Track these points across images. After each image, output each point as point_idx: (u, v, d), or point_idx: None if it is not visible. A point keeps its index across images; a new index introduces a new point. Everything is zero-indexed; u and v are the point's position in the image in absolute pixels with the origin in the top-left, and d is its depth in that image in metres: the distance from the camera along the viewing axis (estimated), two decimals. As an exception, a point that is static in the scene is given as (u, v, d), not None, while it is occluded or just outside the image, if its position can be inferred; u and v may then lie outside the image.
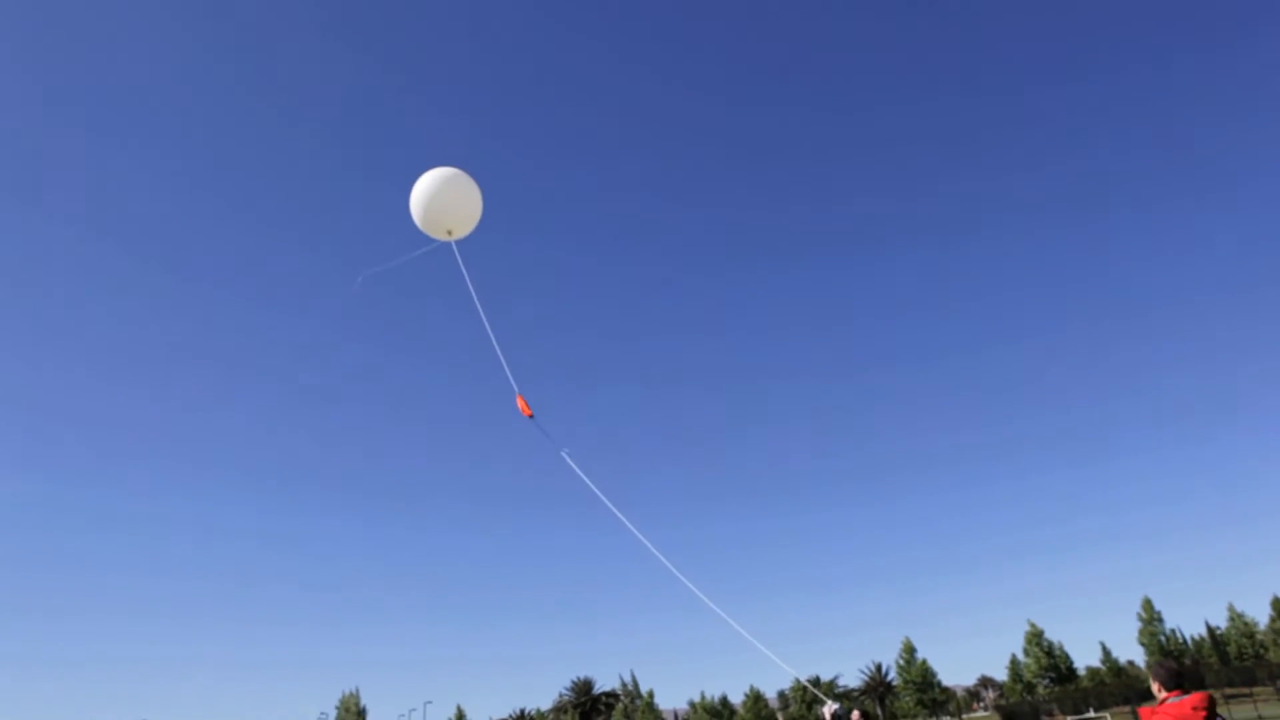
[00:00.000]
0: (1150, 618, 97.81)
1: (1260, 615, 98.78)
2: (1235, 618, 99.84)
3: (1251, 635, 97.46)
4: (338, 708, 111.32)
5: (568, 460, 10.88)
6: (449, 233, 12.05)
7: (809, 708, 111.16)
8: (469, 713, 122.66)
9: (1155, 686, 6.06)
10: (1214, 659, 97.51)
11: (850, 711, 11.09)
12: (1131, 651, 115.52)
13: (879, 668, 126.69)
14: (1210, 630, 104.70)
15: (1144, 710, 6.02)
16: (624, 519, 10.70)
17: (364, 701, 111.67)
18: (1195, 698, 5.88)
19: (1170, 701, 5.85)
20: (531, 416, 10.77)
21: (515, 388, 11.03)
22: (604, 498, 10.86)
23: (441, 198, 11.95)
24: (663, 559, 10.64)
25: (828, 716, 10.69)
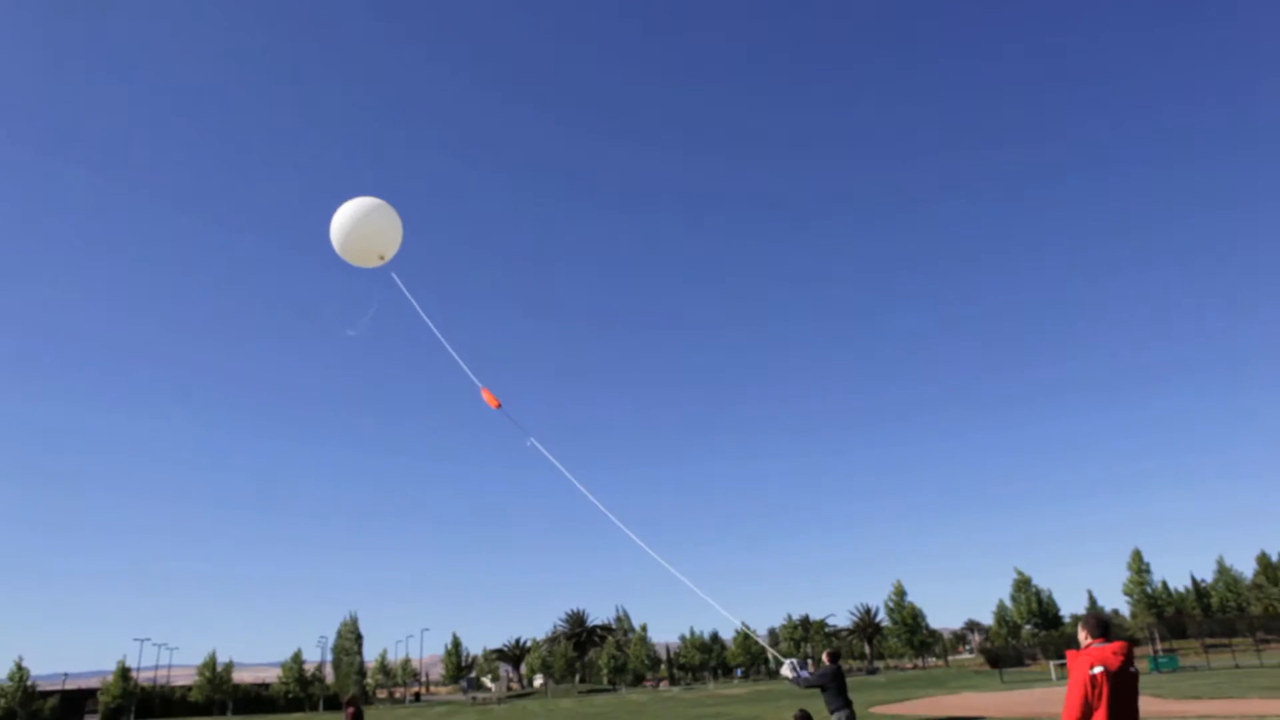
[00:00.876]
0: (1139, 569, 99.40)
1: (1246, 569, 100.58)
2: (1223, 571, 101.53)
3: (1236, 589, 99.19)
4: (338, 633, 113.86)
5: (537, 446, 11.09)
6: (380, 258, 12.07)
7: (798, 646, 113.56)
8: (464, 641, 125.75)
9: (1082, 634, 6.55)
10: (1197, 611, 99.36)
11: (822, 653, 11.17)
12: (1117, 601, 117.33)
13: (868, 610, 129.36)
14: (1195, 583, 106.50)
15: (1070, 653, 6.47)
16: (591, 497, 10.92)
17: (362, 628, 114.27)
18: (1117, 644, 6.25)
19: (1094, 646, 6.29)
20: (499, 407, 10.72)
21: (478, 384, 10.96)
22: (571, 477, 11.10)
23: (360, 230, 11.97)
24: (628, 531, 10.92)
25: (789, 674, 10.15)
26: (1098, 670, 5.98)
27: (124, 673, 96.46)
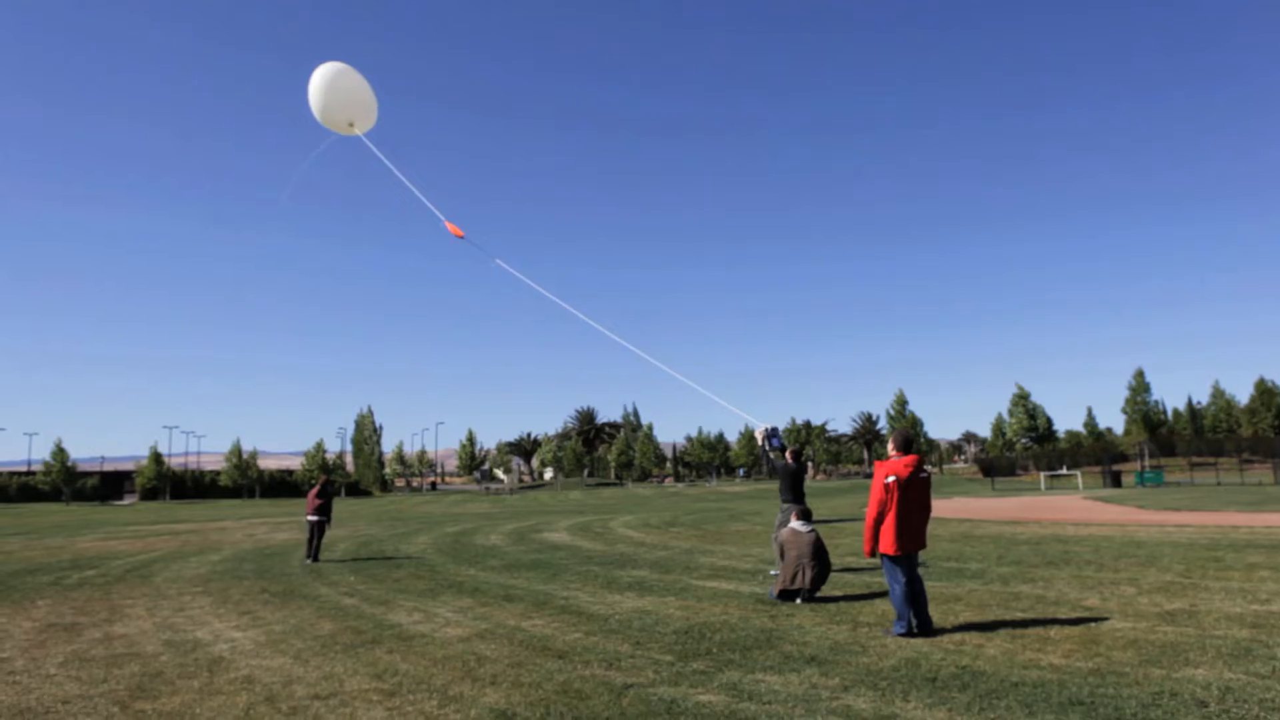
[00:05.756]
0: (1139, 388, 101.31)
1: (1243, 393, 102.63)
2: (1218, 394, 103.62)
3: (1229, 411, 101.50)
4: (355, 423, 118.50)
5: (504, 266, 11.47)
6: (350, 125, 12.24)
7: (799, 448, 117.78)
8: (478, 436, 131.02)
9: (890, 447, 7.80)
10: (1188, 431, 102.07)
11: (784, 444, 11.79)
12: (1114, 419, 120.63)
13: (869, 417, 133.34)
14: (1190, 404, 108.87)
15: (878, 463, 7.76)
16: (569, 307, 11.31)
17: (381, 421, 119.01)
18: (910, 457, 7.56)
19: (894, 458, 7.60)
20: (462, 236, 11.13)
21: (440, 216, 11.35)
22: (545, 292, 11.54)
23: (337, 94, 12.07)
24: (614, 336, 11.37)
25: (760, 438, 11.05)
26: (890, 480, 7.47)
27: (157, 457, 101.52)
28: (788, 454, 11.89)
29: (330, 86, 12.15)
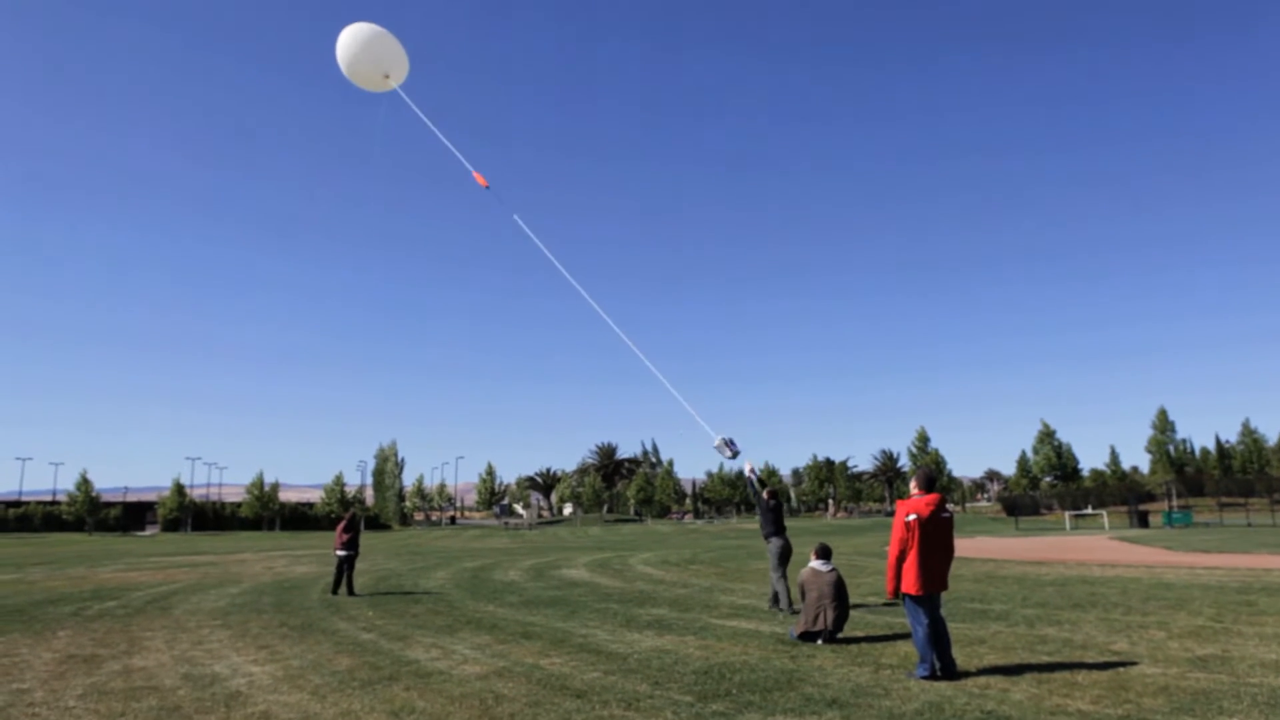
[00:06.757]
0: (1163, 427, 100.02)
1: (1272, 432, 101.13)
2: (1247, 433, 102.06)
3: (1259, 451, 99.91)
4: (376, 457, 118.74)
5: (519, 224, 11.87)
6: (386, 77, 12.64)
7: (820, 485, 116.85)
8: (497, 470, 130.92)
9: (912, 486, 7.90)
10: (1217, 470, 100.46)
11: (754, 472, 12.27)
12: (1139, 458, 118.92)
13: (891, 455, 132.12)
14: (1219, 444, 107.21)
15: (899, 501, 7.78)
16: (575, 283, 11.62)
17: (401, 454, 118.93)
18: (932, 496, 7.62)
19: (915, 496, 7.68)
20: (487, 187, 11.75)
21: (469, 167, 11.91)
22: (554, 260, 11.88)
23: (370, 51, 12.55)
24: (617, 329, 11.58)
25: (747, 472, 11.81)
26: (911, 518, 7.49)
27: (179, 488, 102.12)
28: (765, 493, 12.31)
29: (363, 43, 12.48)
